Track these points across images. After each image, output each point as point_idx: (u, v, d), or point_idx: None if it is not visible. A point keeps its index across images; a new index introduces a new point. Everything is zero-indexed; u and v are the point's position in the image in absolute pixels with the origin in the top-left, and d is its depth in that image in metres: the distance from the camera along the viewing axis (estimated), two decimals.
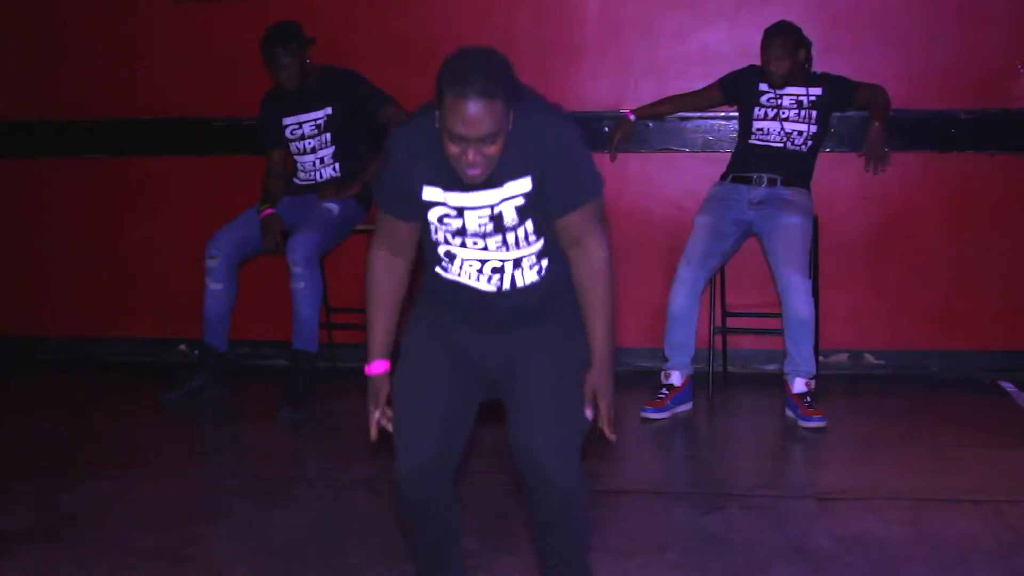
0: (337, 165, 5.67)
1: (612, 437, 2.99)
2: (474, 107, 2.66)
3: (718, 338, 5.76)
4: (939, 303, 5.95)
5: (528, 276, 2.99)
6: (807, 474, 4.79)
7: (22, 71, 6.44)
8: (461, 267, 2.98)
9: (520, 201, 2.88)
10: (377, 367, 3.14)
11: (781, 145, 5.47)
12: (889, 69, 5.77)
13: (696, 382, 5.42)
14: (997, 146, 5.81)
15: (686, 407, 5.36)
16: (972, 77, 5.81)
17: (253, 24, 5.64)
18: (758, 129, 5.52)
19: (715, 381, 5.62)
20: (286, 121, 5.67)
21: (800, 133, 5.45)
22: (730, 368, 5.97)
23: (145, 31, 6.30)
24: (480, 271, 2.97)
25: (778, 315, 5.32)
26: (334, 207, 5.54)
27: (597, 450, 4.52)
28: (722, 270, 5.62)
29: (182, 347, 6.48)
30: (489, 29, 5.92)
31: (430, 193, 2.90)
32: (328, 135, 5.63)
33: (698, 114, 5.89)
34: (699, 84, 5.77)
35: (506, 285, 2.99)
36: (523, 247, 2.95)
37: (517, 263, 2.97)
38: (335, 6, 6.08)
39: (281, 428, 5.26)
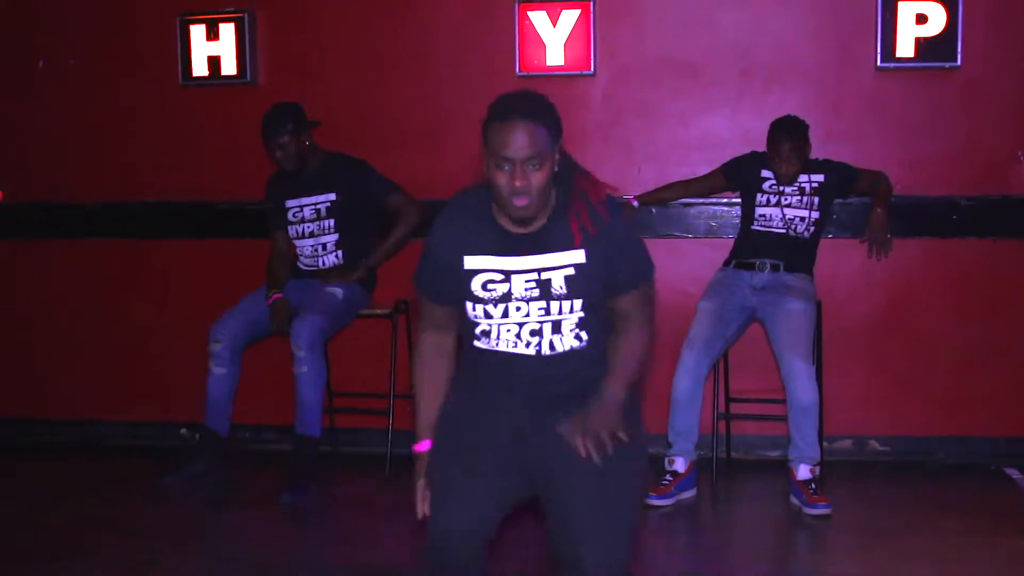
0: (340, 252, 5.68)
1: (583, 453, 2.93)
2: (518, 128, 2.86)
3: (722, 424, 5.74)
4: (943, 389, 5.93)
5: (567, 341, 3.03)
6: (812, 562, 4.74)
7: (24, 154, 6.49)
8: (499, 337, 3.03)
9: (570, 271, 2.97)
10: (426, 445, 3.13)
11: (783, 231, 5.48)
12: (890, 156, 5.81)
13: (700, 468, 5.40)
14: (999, 232, 5.83)
15: (690, 494, 5.33)
16: (973, 164, 5.84)
17: (256, 108, 5.68)
18: (760, 216, 5.53)
19: (719, 467, 5.59)
20: (288, 203, 5.69)
21: (802, 219, 5.47)
22: (734, 454, 5.95)
23: (149, 114, 6.35)
24: (518, 335, 3.01)
25: (782, 401, 5.30)
26: (338, 291, 5.55)
27: None
28: (725, 356, 5.62)
29: (183, 431, 6.46)
30: None
31: (473, 262, 2.99)
32: (331, 221, 5.64)
33: (701, 200, 5.91)
34: (701, 170, 5.80)
35: (545, 349, 3.02)
36: (565, 314, 3.00)
37: (556, 327, 3.01)
38: (343, 90, 6.13)
39: (282, 513, 5.22)
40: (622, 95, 6.03)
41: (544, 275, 2.97)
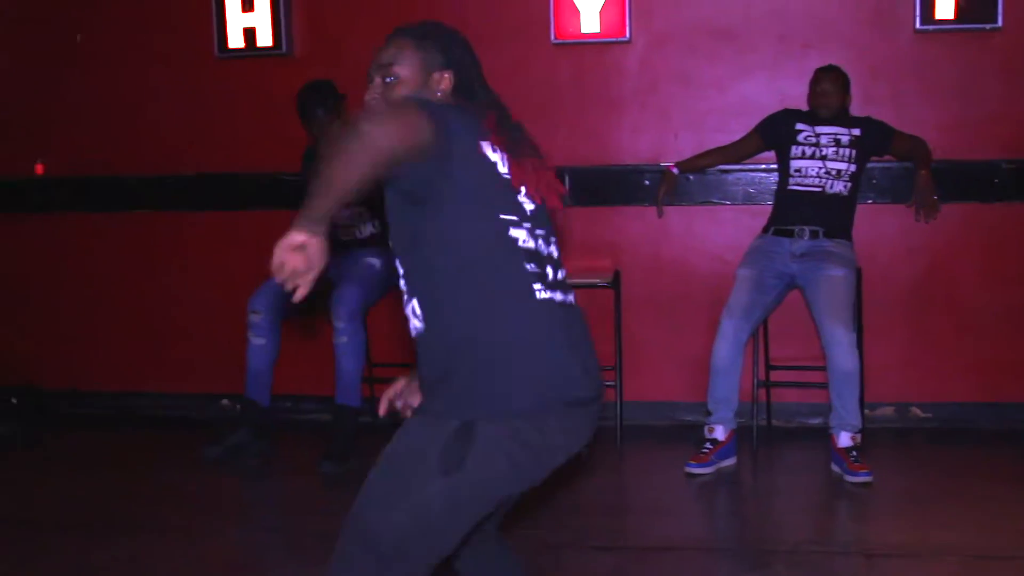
0: (377, 221, 5.69)
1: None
2: (387, 41, 2.73)
3: (762, 392, 5.72)
4: (986, 354, 5.88)
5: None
6: (853, 530, 4.73)
7: (63, 128, 6.51)
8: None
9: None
10: None
11: (820, 189, 5.44)
12: (930, 120, 5.75)
13: (740, 436, 5.38)
14: None
15: (730, 462, 5.31)
16: (1013, 127, 5.77)
17: (292, 79, 5.69)
18: (796, 170, 5.49)
19: (759, 435, 5.57)
20: None
21: (839, 173, 5.42)
22: (774, 422, 5.92)
23: (186, 87, 6.37)
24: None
25: (822, 368, 5.27)
26: (376, 262, 5.56)
27: (642, 505, 4.50)
28: (765, 323, 5.59)
29: (225, 401, 6.50)
30: (529, 83, 5.95)
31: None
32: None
33: (739, 166, 5.87)
34: (739, 136, 5.76)
35: None
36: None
37: None
38: (369, 58, 6.10)
39: (322, 483, 5.25)
40: (658, 62, 5.99)
41: None
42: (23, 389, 6.53)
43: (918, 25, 5.72)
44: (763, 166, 5.85)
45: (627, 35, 5.90)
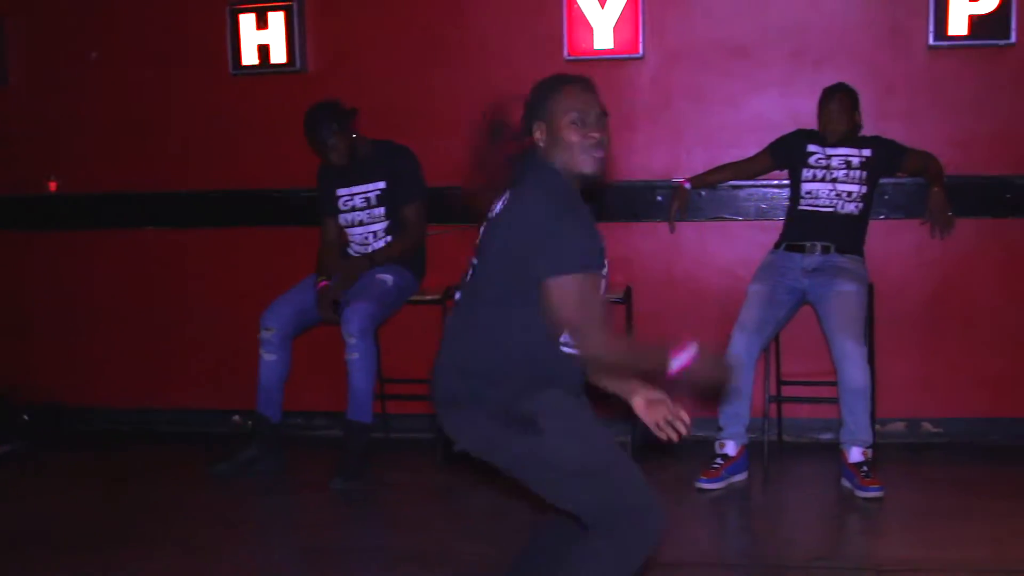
0: (390, 239, 5.69)
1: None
2: (588, 89, 3.22)
3: (773, 407, 5.71)
4: (998, 370, 5.86)
5: None
6: (865, 545, 4.70)
7: (76, 144, 6.55)
8: None
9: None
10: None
11: (831, 209, 5.45)
12: (943, 135, 5.75)
13: (751, 452, 5.37)
14: None
15: (741, 477, 5.30)
16: None
17: (306, 95, 5.70)
18: (807, 192, 5.50)
19: (770, 451, 5.55)
20: (339, 192, 5.71)
21: (849, 195, 5.43)
22: (785, 437, 5.91)
23: (200, 103, 6.39)
24: None
25: (834, 383, 5.27)
26: (388, 278, 5.57)
27: None
28: (776, 338, 5.58)
29: (236, 417, 6.51)
30: None
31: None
32: (381, 209, 5.66)
33: (751, 182, 5.87)
34: (752, 152, 5.76)
35: None
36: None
37: None
38: (392, 77, 6.13)
39: (334, 499, 5.26)
40: (671, 78, 6.00)
41: None
42: (36, 407, 6.55)
43: (931, 41, 5.73)
44: (775, 182, 5.85)
45: (640, 51, 5.92)
